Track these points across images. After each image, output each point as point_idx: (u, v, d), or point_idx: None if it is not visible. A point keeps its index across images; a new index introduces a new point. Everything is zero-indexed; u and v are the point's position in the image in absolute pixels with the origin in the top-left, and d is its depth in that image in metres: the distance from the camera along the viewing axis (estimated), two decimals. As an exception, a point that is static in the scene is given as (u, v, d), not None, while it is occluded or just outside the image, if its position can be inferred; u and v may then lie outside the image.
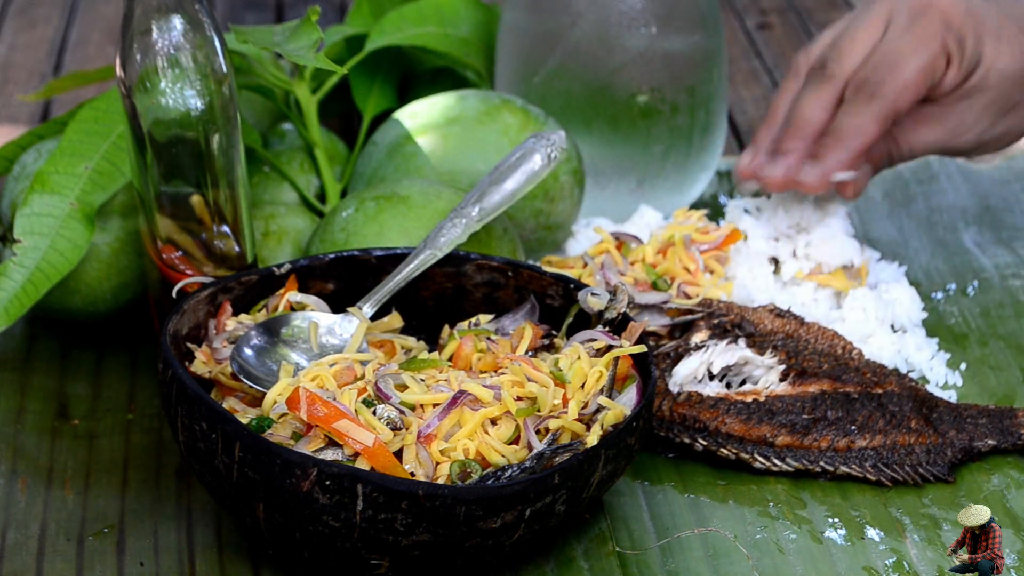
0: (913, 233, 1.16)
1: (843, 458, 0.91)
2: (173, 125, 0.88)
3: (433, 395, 0.83)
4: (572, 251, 1.11)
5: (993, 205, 1.19)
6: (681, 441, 0.92)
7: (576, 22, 1.12)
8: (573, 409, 0.83)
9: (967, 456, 0.92)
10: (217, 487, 0.80)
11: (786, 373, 0.94)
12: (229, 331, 0.89)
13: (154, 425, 0.97)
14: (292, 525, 0.78)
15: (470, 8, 1.21)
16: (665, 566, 0.84)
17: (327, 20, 1.55)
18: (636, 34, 1.12)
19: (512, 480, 0.78)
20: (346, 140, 1.19)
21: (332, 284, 0.94)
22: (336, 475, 0.76)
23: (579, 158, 1.09)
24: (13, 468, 0.93)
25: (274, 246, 1.02)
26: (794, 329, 0.97)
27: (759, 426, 0.91)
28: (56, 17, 1.62)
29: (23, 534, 0.87)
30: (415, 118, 1.07)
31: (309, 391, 0.80)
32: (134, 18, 0.86)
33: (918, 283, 1.09)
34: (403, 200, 0.98)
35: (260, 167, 1.08)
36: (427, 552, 0.78)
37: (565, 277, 0.92)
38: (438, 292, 0.95)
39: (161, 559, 0.85)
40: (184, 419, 0.80)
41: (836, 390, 0.93)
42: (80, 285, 1.00)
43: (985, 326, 1.05)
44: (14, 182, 1.01)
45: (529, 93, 1.14)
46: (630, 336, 0.87)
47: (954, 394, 0.98)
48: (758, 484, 0.91)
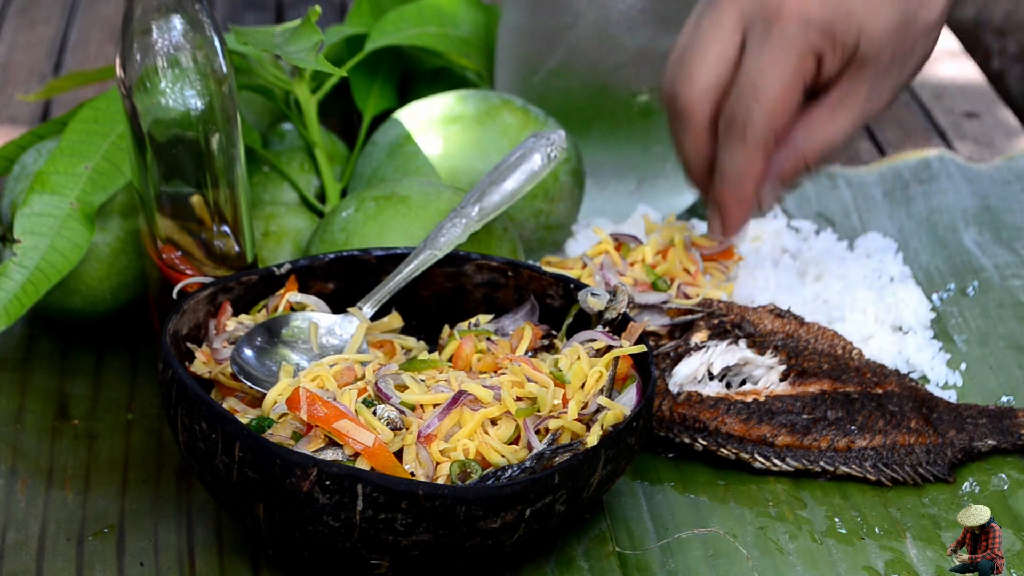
0: (913, 233, 1.16)
1: (843, 458, 0.91)
2: (173, 125, 0.88)
3: (433, 395, 0.83)
4: (572, 251, 1.10)
5: (993, 205, 1.19)
6: (681, 441, 0.92)
7: (576, 22, 1.12)
8: (573, 409, 0.83)
9: (967, 456, 0.92)
10: (217, 487, 0.80)
11: (786, 373, 0.94)
12: (229, 331, 0.89)
13: (154, 425, 0.97)
14: (292, 525, 0.78)
15: (470, 8, 1.21)
16: (665, 566, 0.84)
17: (327, 20, 1.55)
18: (636, 34, 1.12)
19: (512, 480, 0.78)
20: (346, 140, 1.19)
21: (332, 284, 0.94)
22: (336, 475, 0.76)
23: (579, 158, 1.09)
24: (13, 468, 0.93)
25: (274, 246, 1.02)
26: (794, 329, 0.97)
27: (759, 426, 0.91)
28: (56, 17, 1.62)
29: (23, 534, 0.87)
30: (415, 118, 1.07)
31: (309, 391, 0.80)
32: (134, 18, 0.86)
33: (918, 283, 1.09)
34: (403, 200, 0.98)
35: (260, 167, 1.08)
36: (427, 552, 0.78)
37: (565, 277, 0.92)
38: (438, 292, 0.95)
39: (161, 559, 0.85)
40: (184, 419, 0.80)
41: (836, 390, 0.93)
42: (80, 285, 1.00)
43: (985, 326, 1.05)
44: (14, 182, 1.01)
45: (529, 93, 1.14)
46: (630, 336, 0.87)
47: (954, 394, 0.98)
48: (758, 484, 0.91)
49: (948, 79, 1.43)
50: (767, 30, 0.91)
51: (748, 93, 0.92)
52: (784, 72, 0.91)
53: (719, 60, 0.93)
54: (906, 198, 1.21)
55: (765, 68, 0.91)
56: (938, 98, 1.40)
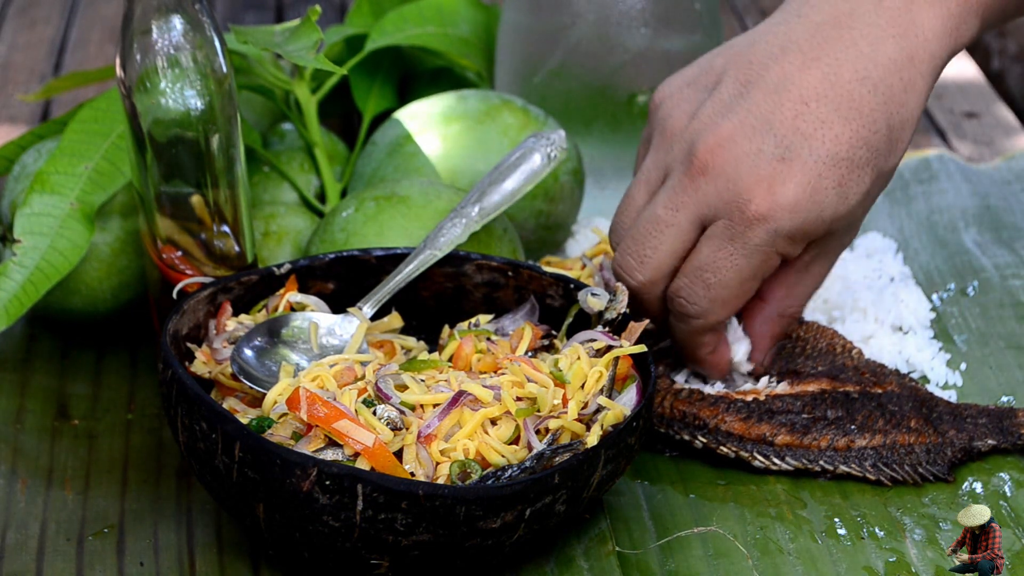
0: (913, 233, 1.16)
1: (843, 457, 0.91)
2: (173, 125, 0.88)
3: (433, 395, 0.83)
4: (572, 251, 1.11)
5: (993, 205, 1.19)
6: (681, 438, 0.92)
7: (576, 22, 1.12)
8: (573, 409, 0.83)
9: (967, 456, 0.92)
10: (217, 487, 0.80)
11: (787, 373, 0.94)
12: (229, 331, 0.89)
13: (154, 425, 0.97)
14: (292, 525, 0.78)
15: (470, 8, 1.21)
16: (665, 566, 0.84)
17: (327, 20, 1.55)
18: (636, 34, 1.12)
19: (512, 480, 0.78)
20: (346, 140, 1.19)
21: (332, 284, 0.94)
22: (336, 475, 0.76)
23: (579, 158, 1.09)
24: (13, 468, 0.93)
25: (274, 246, 1.02)
26: (794, 329, 0.97)
27: (759, 425, 0.91)
28: (56, 17, 1.62)
29: (23, 534, 0.87)
30: (415, 118, 1.07)
31: (309, 391, 0.80)
32: (134, 18, 0.87)
33: (918, 283, 1.09)
34: (403, 200, 0.98)
35: (260, 167, 1.08)
36: (427, 552, 0.78)
37: (565, 277, 0.92)
38: (438, 292, 0.95)
39: (161, 559, 0.85)
40: (184, 419, 0.80)
41: (836, 389, 0.93)
42: (80, 285, 1.00)
43: (985, 326, 1.05)
44: (14, 182, 1.01)
45: (529, 93, 1.14)
46: (630, 336, 0.87)
47: (954, 394, 0.98)
48: (758, 484, 0.91)
49: (948, 79, 1.43)
50: (731, 234, 0.87)
51: (698, 283, 0.88)
52: (742, 274, 0.88)
53: (673, 256, 0.89)
54: (906, 198, 1.21)
55: (721, 266, 0.88)
56: (938, 98, 1.40)
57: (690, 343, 0.92)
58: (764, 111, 0.86)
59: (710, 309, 0.89)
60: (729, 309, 0.90)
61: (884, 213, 1.19)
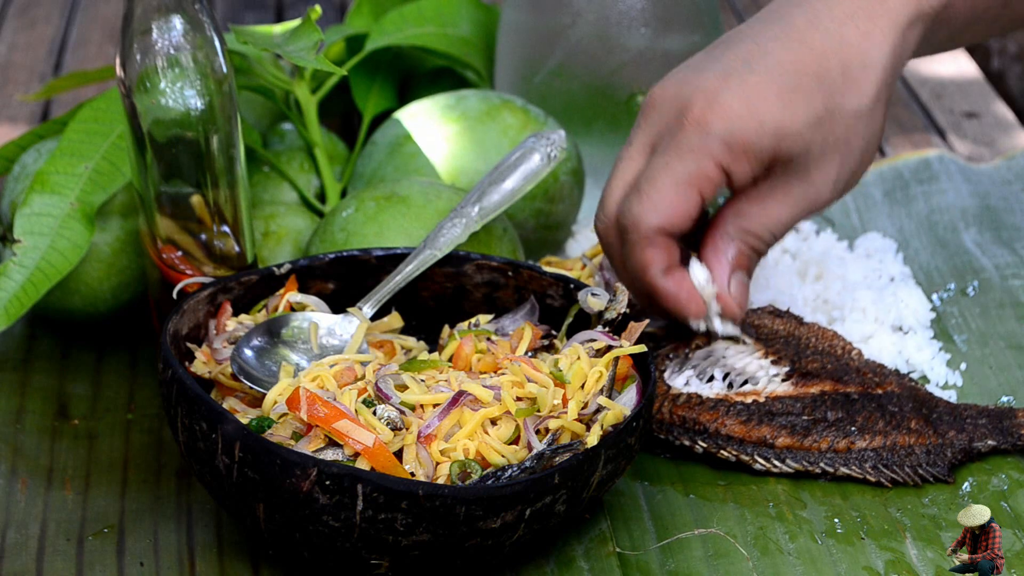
0: (913, 233, 1.16)
1: (843, 459, 0.91)
2: (173, 125, 0.88)
3: (433, 395, 0.83)
4: (572, 251, 1.11)
5: (993, 205, 1.19)
6: (681, 444, 0.92)
7: (576, 22, 1.12)
8: (573, 409, 0.83)
9: (967, 456, 0.92)
10: (217, 487, 0.80)
11: (786, 374, 0.94)
12: (229, 331, 0.89)
13: (154, 425, 0.97)
14: (292, 525, 0.78)
15: (470, 8, 1.21)
16: (665, 566, 0.84)
17: (327, 20, 1.55)
18: (636, 34, 1.12)
19: (512, 480, 0.78)
20: (346, 140, 1.19)
21: (332, 284, 0.94)
22: (336, 475, 0.76)
23: (579, 158, 1.09)
24: (13, 468, 0.93)
25: (274, 246, 1.02)
26: (794, 329, 0.97)
27: (759, 427, 0.91)
28: (56, 17, 1.62)
29: (23, 534, 0.87)
30: (415, 118, 1.07)
31: (309, 391, 0.80)
32: (134, 18, 0.87)
33: (918, 283, 1.09)
34: (403, 200, 0.98)
35: (260, 167, 1.08)
36: (427, 552, 0.78)
37: (565, 277, 0.92)
38: (438, 292, 0.95)
39: (161, 559, 0.85)
40: (184, 419, 0.80)
41: (836, 391, 0.93)
42: (80, 285, 1.00)
43: (985, 326, 1.05)
44: (14, 182, 1.01)
45: (529, 93, 1.14)
46: (630, 336, 0.87)
47: (954, 394, 0.98)
48: (758, 485, 0.91)
49: (948, 78, 1.43)
50: (667, 143, 0.88)
51: (633, 196, 0.89)
52: (675, 177, 0.88)
53: (624, 185, 0.90)
54: (906, 198, 1.21)
55: (655, 173, 0.88)
56: (938, 98, 1.40)
57: (639, 267, 0.90)
58: (717, 54, 0.91)
59: (641, 214, 0.88)
60: (661, 214, 0.88)
61: (884, 213, 1.19)
